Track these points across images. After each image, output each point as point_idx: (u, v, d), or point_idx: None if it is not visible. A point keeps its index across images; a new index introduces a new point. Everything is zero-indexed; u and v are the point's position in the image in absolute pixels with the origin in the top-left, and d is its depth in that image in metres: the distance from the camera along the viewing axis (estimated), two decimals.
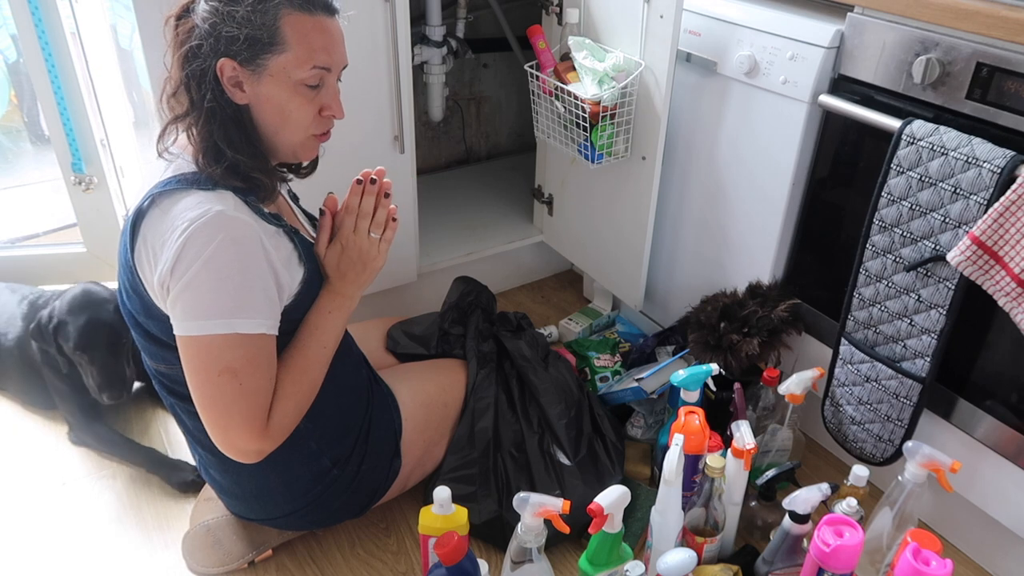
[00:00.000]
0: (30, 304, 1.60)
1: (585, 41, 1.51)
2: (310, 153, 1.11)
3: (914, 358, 1.24)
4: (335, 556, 1.32)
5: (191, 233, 0.96)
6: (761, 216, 1.46)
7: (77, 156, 1.88)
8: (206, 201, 0.98)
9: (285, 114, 1.03)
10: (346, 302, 1.14)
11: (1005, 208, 1.04)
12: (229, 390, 1.01)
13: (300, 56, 0.99)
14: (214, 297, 0.98)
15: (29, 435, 1.57)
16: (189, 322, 0.99)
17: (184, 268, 0.96)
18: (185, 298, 0.98)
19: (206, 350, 1.00)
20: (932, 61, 1.12)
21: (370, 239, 1.13)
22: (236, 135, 1.01)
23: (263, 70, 0.99)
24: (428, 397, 1.38)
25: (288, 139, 1.06)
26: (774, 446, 1.41)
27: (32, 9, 1.68)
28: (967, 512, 1.31)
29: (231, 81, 0.99)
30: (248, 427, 1.03)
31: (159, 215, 0.99)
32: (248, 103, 1.02)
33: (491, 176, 2.33)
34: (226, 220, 0.97)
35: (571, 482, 1.34)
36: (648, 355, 1.69)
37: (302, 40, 0.99)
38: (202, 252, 0.96)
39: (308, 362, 1.11)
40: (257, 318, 1.01)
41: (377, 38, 1.49)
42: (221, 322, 0.98)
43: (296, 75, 1.00)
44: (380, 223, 1.14)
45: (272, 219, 1.06)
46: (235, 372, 1.00)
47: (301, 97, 1.02)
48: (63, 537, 1.36)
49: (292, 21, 0.98)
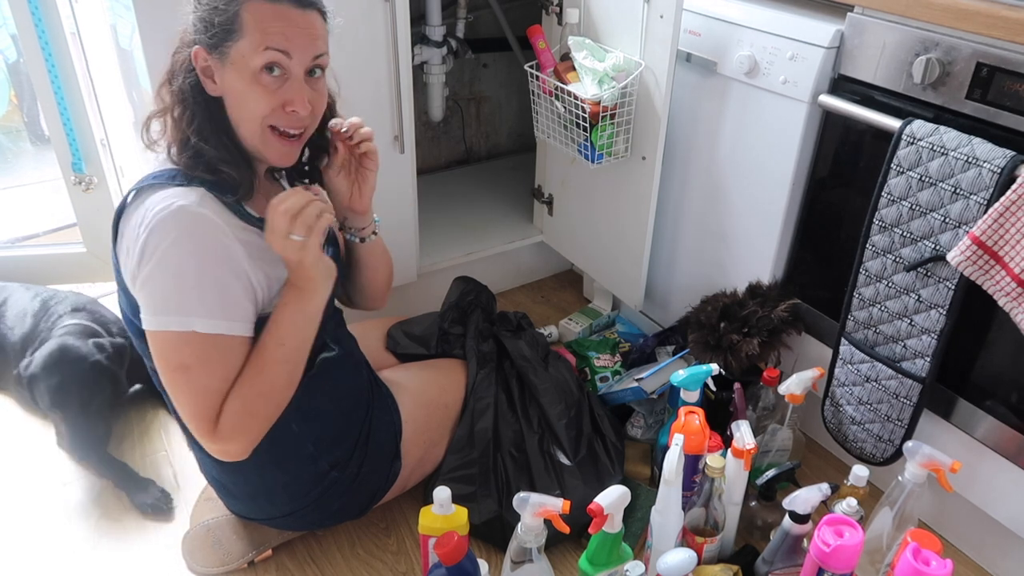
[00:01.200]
0: (43, 302, 1.61)
1: (585, 41, 1.51)
2: (276, 151, 1.05)
3: (914, 358, 1.24)
4: (335, 556, 1.32)
5: (153, 227, 0.96)
6: (761, 216, 1.46)
7: (77, 156, 1.88)
8: (172, 196, 0.98)
9: (243, 105, 1.01)
10: (303, 293, 1.05)
11: (1005, 208, 1.04)
12: (180, 386, 1.02)
13: (254, 40, 0.97)
14: (170, 293, 0.98)
15: (29, 435, 1.57)
16: (149, 315, 1.00)
17: (145, 262, 0.97)
18: (145, 292, 0.99)
19: (163, 344, 1.00)
20: (932, 61, 1.12)
21: (288, 240, 1.00)
22: (206, 126, 1.01)
23: (226, 58, 0.99)
24: (428, 398, 1.38)
25: (247, 132, 1.03)
26: (774, 446, 1.41)
27: (32, 9, 1.68)
28: (967, 512, 1.31)
29: (204, 71, 1.00)
30: (197, 425, 1.03)
31: (134, 210, 1.01)
32: (221, 95, 1.02)
33: (491, 176, 2.33)
34: (185, 215, 0.97)
35: (571, 482, 1.34)
36: (648, 355, 1.69)
37: (257, 26, 0.97)
38: (159, 246, 0.96)
39: (264, 361, 1.05)
40: (213, 318, 0.99)
41: (377, 38, 1.49)
42: (176, 318, 0.98)
43: (252, 61, 0.97)
44: (307, 223, 1.00)
45: (256, 221, 1.06)
46: (187, 368, 1.00)
47: (260, 87, 0.99)
48: (63, 537, 1.35)
49: (253, 8, 0.97)
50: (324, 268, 1.07)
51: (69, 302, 1.61)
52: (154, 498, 1.40)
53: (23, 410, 1.63)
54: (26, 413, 1.62)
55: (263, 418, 1.07)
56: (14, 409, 1.64)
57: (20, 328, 1.59)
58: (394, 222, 1.66)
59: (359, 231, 1.26)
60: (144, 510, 1.39)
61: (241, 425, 1.05)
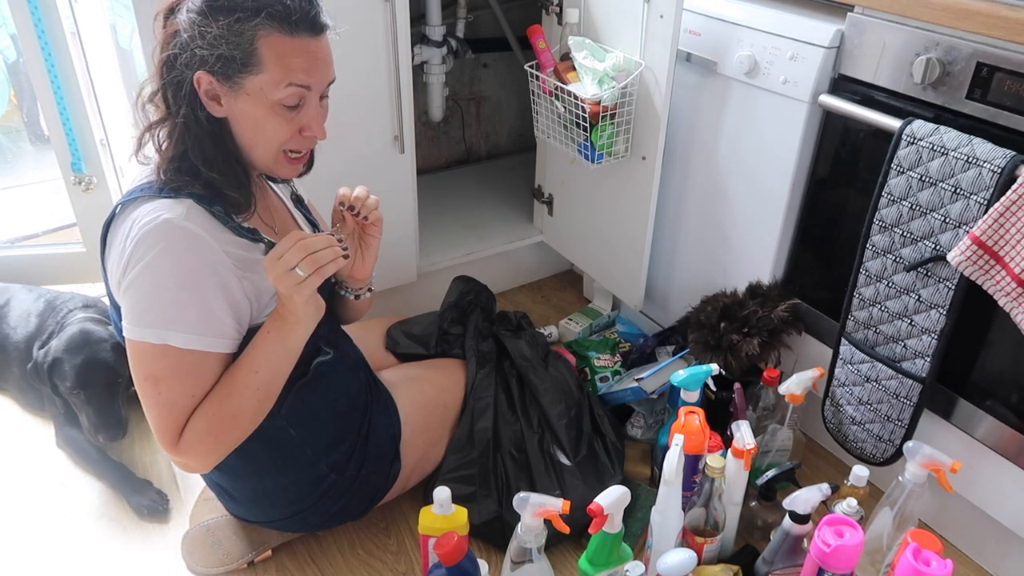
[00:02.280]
0: (47, 302, 1.62)
1: (585, 41, 1.51)
2: (286, 170, 1.06)
3: (914, 358, 1.24)
4: (335, 556, 1.32)
5: (138, 239, 0.96)
6: (761, 216, 1.46)
7: (77, 156, 1.88)
8: (159, 208, 0.97)
9: (259, 132, 1.00)
10: (284, 325, 1.03)
11: (1005, 208, 1.03)
12: (148, 396, 1.01)
13: (276, 77, 0.96)
14: (150, 305, 0.98)
15: (29, 435, 1.57)
16: (128, 325, 0.99)
17: (128, 272, 0.97)
18: (126, 301, 0.99)
19: (138, 354, 1.00)
20: (932, 61, 1.12)
21: (289, 273, 0.97)
22: (211, 150, 1.00)
23: (239, 88, 0.97)
24: (427, 398, 1.37)
25: (262, 155, 1.03)
26: (774, 446, 1.41)
27: (32, 9, 1.68)
28: (967, 512, 1.31)
29: (208, 94, 0.98)
30: (160, 437, 1.03)
31: (121, 221, 1.00)
32: (225, 116, 1.00)
33: (491, 176, 2.33)
34: (170, 230, 0.96)
35: (571, 482, 1.34)
36: (648, 355, 1.69)
37: (279, 61, 0.95)
38: (143, 258, 0.96)
39: (234, 383, 1.03)
40: (191, 333, 0.99)
41: (377, 38, 1.49)
42: (152, 331, 0.98)
43: (273, 95, 0.97)
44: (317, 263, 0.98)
45: (246, 232, 1.05)
46: (156, 380, 1.00)
47: (279, 117, 0.99)
48: (63, 537, 1.35)
49: (271, 43, 0.94)
50: (314, 308, 1.05)
51: (78, 300, 1.62)
52: (150, 500, 1.40)
53: (23, 410, 1.63)
54: (26, 413, 1.62)
55: (225, 442, 1.06)
56: (14, 409, 1.64)
57: (24, 328, 1.59)
58: (394, 222, 1.66)
59: (355, 290, 1.25)
60: (140, 512, 1.39)
61: (202, 445, 1.04)
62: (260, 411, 1.07)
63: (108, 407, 1.46)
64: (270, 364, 1.05)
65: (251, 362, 1.04)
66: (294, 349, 1.07)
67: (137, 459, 1.51)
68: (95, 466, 1.47)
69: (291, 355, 1.07)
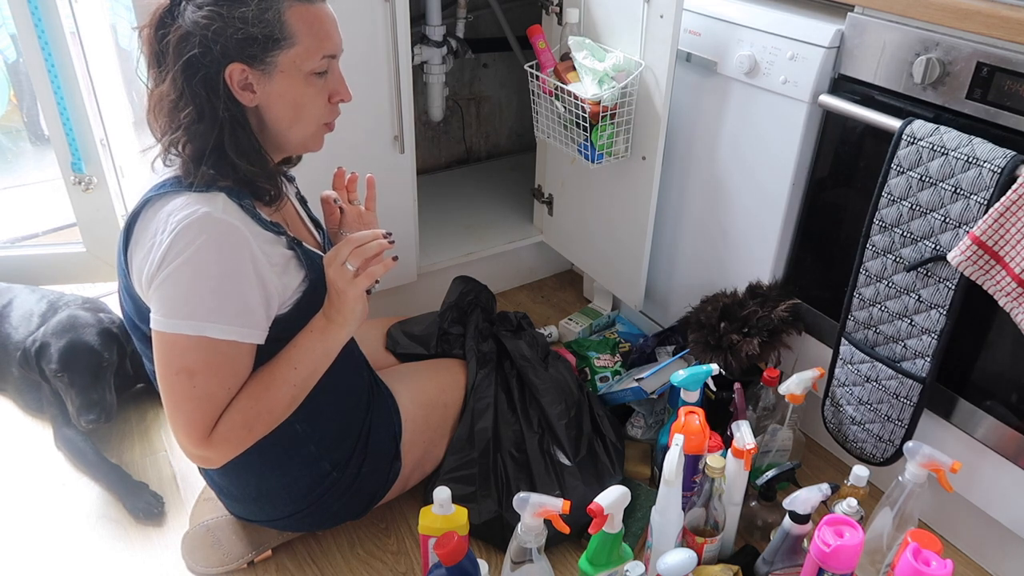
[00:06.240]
0: (49, 303, 1.62)
1: (585, 41, 1.51)
2: (318, 144, 1.10)
3: (914, 358, 1.24)
4: (335, 556, 1.32)
5: (178, 232, 0.96)
6: (761, 216, 1.46)
7: (77, 156, 1.88)
8: (195, 202, 0.97)
9: (299, 107, 1.03)
10: (330, 326, 1.07)
11: (1005, 208, 1.03)
12: (180, 389, 1.00)
13: (310, 47, 0.99)
14: (188, 298, 0.97)
15: (29, 435, 1.57)
16: (161, 318, 0.99)
17: (165, 266, 0.96)
18: (160, 294, 0.98)
19: (170, 347, 0.99)
20: (932, 61, 1.12)
21: (342, 268, 1.02)
22: (245, 142, 1.01)
23: (274, 67, 0.99)
24: (428, 398, 1.38)
25: (301, 132, 1.06)
26: (774, 446, 1.41)
27: (32, 9, 1.68)
28: (967, 512, 1.31)
29: (240, 84, 0.98)
30: (189, 431, 1.02)
31: (151, 217, 1.00)
32: (258, 104, 1.01)
33: (491, 176, 2.33)
34: (211, 222, 0.96)
35: (571, 482, 1.34)
36: (648, 355, 1.69)
37: (309, 31, 0.99)
38: (183, 252, 0.96)
39: (272, 378, 1.05)
40: (229, 324, 0.99)
41: (377, 38, 1.49)
42: (190, 323, 0.98)
43: (307, 66, 1.00)
44: (364, 255, 1.02)
45: (271, 226, 1.05)
46: (192, 373, 0.99)
47: (313, 88, 1.03)
48: (63, 537, 1.35)
49: (296, 13, 0.98)
50: (360, 310, 1.06)
51: (79, 300, 1.63)
52: (145, 503, 1.40)
53: (23, 411, 1.63)
54: (25, 414, 1.62)
55: (256, 434, 1.06)
56: (14, 410, 1.64)
57: (25, 328, 1.59)
58: (394, 222, 1.66)
59: None
60: (136, 515, 1.39)
61: (235, 437, 1.04)
62: (291, 407, 1.09)
63: (91, 389, 1.46)
64: (309, 362, 1.07)
65: (291, 358, 1.06)
66: (332, 350, 1.09)
67: (137, 460, 1.51)
68: (91, 468, 1.47)
69: (329, 356, 1.09)
